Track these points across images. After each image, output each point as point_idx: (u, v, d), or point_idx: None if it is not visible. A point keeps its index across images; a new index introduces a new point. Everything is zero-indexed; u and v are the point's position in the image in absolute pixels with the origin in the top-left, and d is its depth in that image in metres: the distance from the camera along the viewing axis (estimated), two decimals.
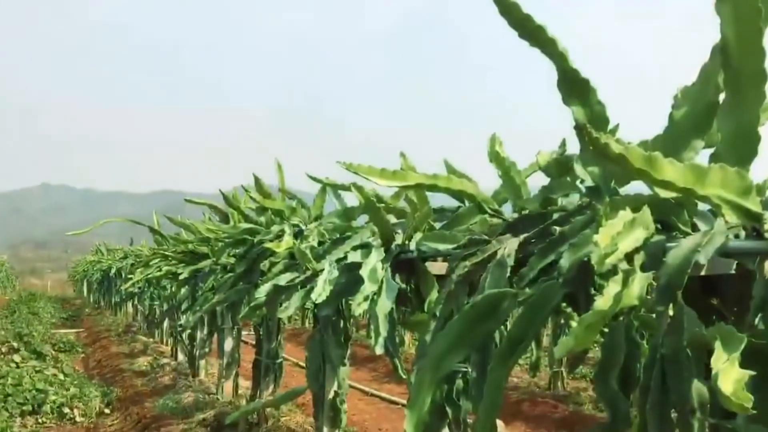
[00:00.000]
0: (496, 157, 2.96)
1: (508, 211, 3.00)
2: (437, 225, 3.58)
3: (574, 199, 2.59)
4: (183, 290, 8.73)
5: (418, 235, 3.55)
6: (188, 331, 9.10)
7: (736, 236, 1.78)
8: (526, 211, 2.70)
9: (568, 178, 2.54)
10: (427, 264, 3.43)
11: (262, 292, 4.18)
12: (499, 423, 3.22)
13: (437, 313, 2.55)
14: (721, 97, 1.87)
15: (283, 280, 4.18)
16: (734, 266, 1.72)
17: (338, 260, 3.88)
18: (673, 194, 1.74)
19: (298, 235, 4.94)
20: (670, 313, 1.68)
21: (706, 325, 1.62)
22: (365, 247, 3.86)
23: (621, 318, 1.85)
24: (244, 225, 5.96)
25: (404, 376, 3.57)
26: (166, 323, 12.33)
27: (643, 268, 1.72)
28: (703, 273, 1.72)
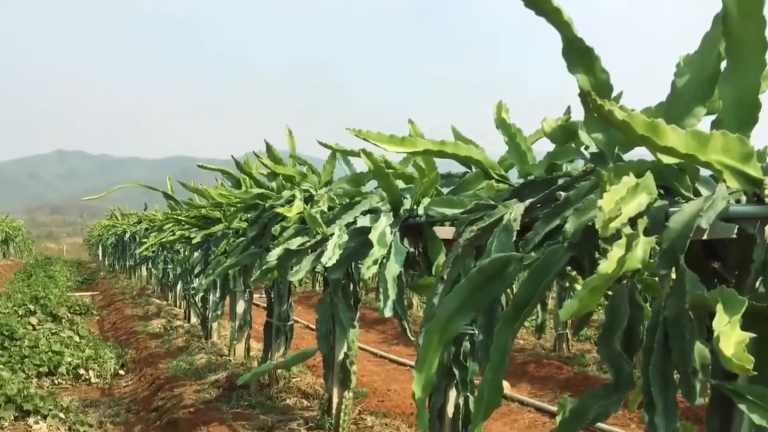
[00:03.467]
0: (502, 124, 2.98)
1: (514, 176, 3.02)
2: (444, 190, 3.61)
3: (579, 165, 2.62)
4: (196, 254, 8.80)
5: (426, 200, 3.58)
6: (201, 294, 9.20)
7: (737, 201, 1.80)
8: (532, 177, 2.71)
9: (573, 145, 2.56)
10: (435, 228, 3.46)
11: (274, 255, 4.23)
12: (505, 384, 3.28)
13: (444, 277, 2.57)
14: (723, 65, 1.89)
15: (294, 244, 4.23)
16: (735, 230, 1.74)
17: (348, 225, 3.92)
18: (676, 160, 1.76)
19: (309, 200, 4.98)
20: (673, 276, 1.70)
21: (708, 289, 1.64)
22: (374, 212, 3.90)
23: (624, 281, 1.88)
24: (256, 190, 6.01)
25: (412, 338, 3.63)
26: (179, 286, 12.44)
27: (646, 233, 1.74)
28: (704, 237, 1.74)
